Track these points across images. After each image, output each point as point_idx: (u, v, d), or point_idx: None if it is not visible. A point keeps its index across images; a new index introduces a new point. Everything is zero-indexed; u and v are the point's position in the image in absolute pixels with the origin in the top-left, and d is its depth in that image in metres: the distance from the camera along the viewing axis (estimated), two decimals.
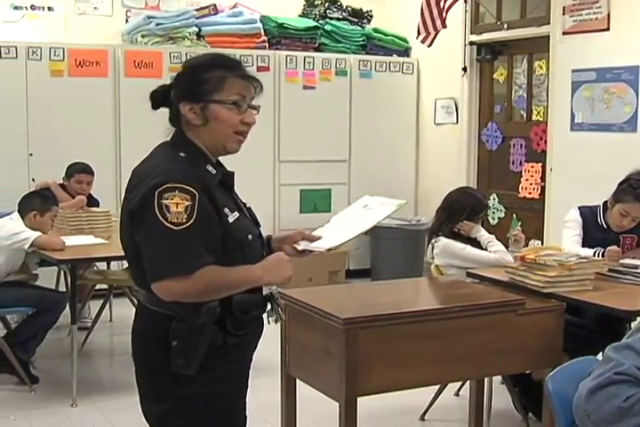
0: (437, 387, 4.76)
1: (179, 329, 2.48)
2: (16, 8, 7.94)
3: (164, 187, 2.41)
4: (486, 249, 4.89)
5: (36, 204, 5.54)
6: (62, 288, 6.57)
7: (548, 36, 7.12)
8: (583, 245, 4.89)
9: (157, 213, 2.39)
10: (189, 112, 2.57)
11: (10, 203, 5.84)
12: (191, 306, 2.46)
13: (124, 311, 6.55)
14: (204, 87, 2.56)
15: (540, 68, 7.53)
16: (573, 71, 6.88)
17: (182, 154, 2.56)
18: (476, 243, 4.95)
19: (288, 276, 2.62)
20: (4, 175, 7.19)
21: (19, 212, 5.51)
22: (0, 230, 5.37)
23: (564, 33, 6.95)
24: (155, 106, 2.65)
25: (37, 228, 5.41)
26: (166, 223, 2.39)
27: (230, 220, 2.54)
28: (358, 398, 3.35)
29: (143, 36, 7.83)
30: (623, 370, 2.36)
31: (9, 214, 5.61)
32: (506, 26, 7.73)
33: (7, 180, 7.13)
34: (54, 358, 5.81)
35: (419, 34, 7.67)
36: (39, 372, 5.49)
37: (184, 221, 2.40)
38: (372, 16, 9.03)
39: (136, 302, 2.74)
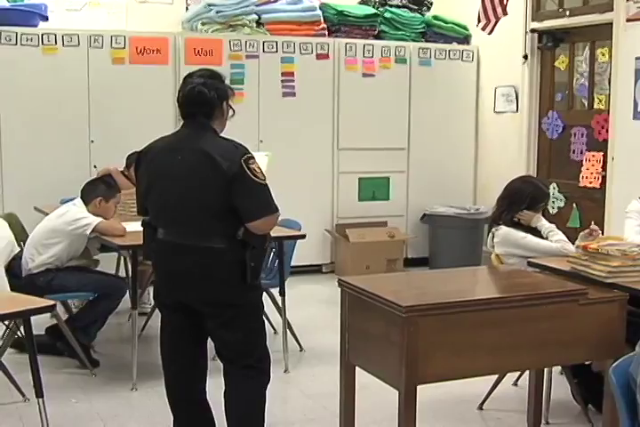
0: (496, 376, 4.74)
1: (254, 254, 3.63)
2: None
3: (247, 156, 3.56)
4: (547, 239, 4.85)
5: (102, 190, 5.59)
6: (122, 274, 6.65)
7: (611, 23, 7.02)
8: None
9: (251, 175, 3.51)
10: (227, 108, 3.80)
11: (72, 189, 5.93)
12: (262, 237, 3.65)
13: None
14: (230, 92, 3.86)
15: (603, 55, 7.42)
16: (637, 59, 6.77)
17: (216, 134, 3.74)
18: (536, 232, 4.91)
19: None
20: (67, 162, 7.31)
21: (82, 198, 5.57)
22: (63, 216, 5.46)
23: (627, 20, 6.84)
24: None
25: (101, 214, 5.48)
26: (259, 180, 3.54)
27: None
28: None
29: (203, 24, 7.87)
30: None
31: (71, 200, 5.68)
32: (568, 13, 7.63)
33: (69, 167, 7.25)
34: (115, 343, 5.89)
35: (479, 21, 7.62)
36: (100, 356, 5.58)
37: (265, 177, 3.59)
38: (431, 3, 8.96)
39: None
